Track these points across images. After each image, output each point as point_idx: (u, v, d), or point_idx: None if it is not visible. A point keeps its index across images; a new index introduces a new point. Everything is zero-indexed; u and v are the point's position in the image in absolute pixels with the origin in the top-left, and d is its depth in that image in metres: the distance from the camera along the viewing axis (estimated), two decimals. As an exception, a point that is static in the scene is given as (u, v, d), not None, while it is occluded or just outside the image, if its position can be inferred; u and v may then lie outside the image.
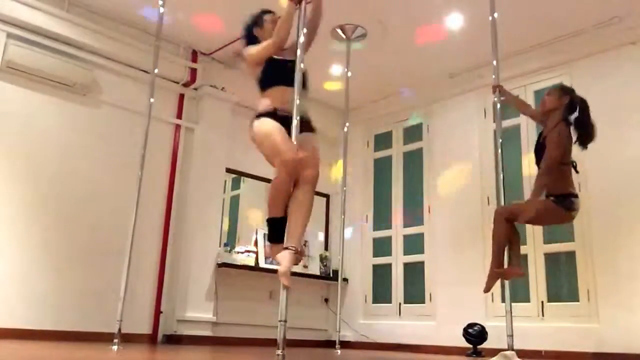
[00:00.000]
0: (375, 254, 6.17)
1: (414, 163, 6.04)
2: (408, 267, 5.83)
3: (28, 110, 4.48)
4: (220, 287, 5.21)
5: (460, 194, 5.45)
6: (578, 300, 4.49)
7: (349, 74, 5.08)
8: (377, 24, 4.87)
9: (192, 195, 5.25)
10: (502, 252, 3.46)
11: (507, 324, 3.27)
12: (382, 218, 6.22)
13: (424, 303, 5.55)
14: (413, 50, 5.25)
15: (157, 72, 3.96)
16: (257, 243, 5.59)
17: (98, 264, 4.57)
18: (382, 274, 6.04)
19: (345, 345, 5.55)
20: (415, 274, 5.72)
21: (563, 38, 4.88)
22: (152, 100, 3.85)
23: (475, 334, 4.60)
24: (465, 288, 5.10)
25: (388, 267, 6.00)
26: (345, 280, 6.04)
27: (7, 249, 4.20)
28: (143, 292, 4.84)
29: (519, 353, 3.19)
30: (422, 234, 5.77)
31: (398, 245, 5.97)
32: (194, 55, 5.46)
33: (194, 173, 5.30)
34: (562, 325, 4.48)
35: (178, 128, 5.41)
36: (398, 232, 6.01)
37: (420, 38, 5.02)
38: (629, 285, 4.18)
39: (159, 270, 5.04)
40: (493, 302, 4.93)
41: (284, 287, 2.39)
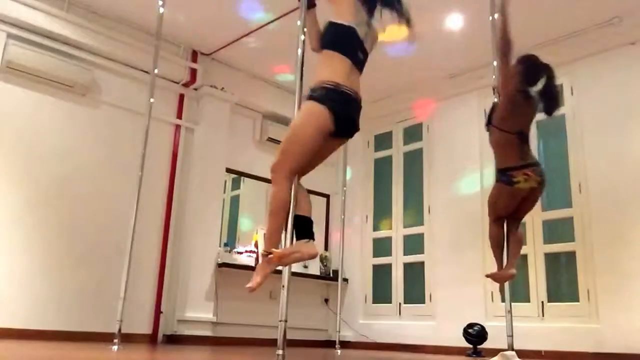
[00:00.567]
0: (375, 254, 6.17)
1: (414, 163, 6.04)
2: (408, 267, 5.83)
3: (28, 110, 4.48)
4: (220, 287, 5.21)
5: (460, 194, 5.45)
6: (578, 301, 4.49)
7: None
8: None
9: (192, 195, 5.25)
10: (496, 253, 3.37)
11: (507, 324, 3.27)
12: (382, 218, 6.22)
13: (424, 303, 5.54)
14: (413, 50, 5.24)
15: (157, 72, 3.96)
16: (257, 243, 5.59)
17: (98, 264, 4.57)
18: (382, 274, 6.04)
19: (345, 345, 5.56)
20: (415, 274, 5.72)
21: (563, 38, 4.88)
22: (152, 100, 3.85)
23: (475, 334, 4.60)
24: (465, 288, 5.11)
25: (388, 267, 5.99)
26: (345, 280, 6.04)
27: (7, 249, 4.20)
28: (143, 292, 4.84)
29: (519, 353, 3.19)
30: (422, 234, 5.76)
31: (398, 245, 5.97)
32: (194, 55, 5.46)
33: (194, 173, 5.30)
34: (562, 326, 4.48)
35: (178, 128, 5.41)
36: (398, 232, 6.01)
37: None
38: (629, 285, 4.18)
39: (159, 270, 5.04)
40: (493, 302, 4.93)
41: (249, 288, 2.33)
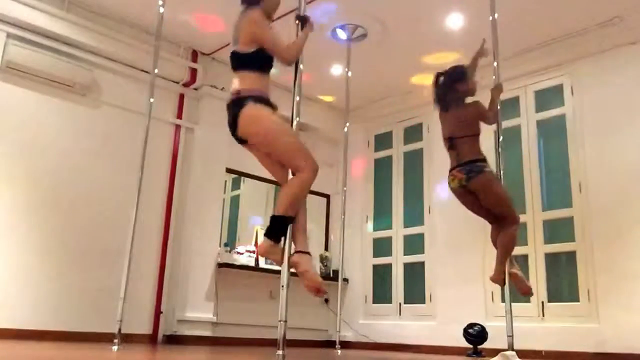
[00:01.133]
0: (376, 254, 6.17)
1: (414, 163, 6.04)
2: (408, 267, 5.83)
3: (28, 110, 4.48)
4: (221, 287, 5.21)
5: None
6: (578, 300, 4.49)
7: (349, 74, 5.08)
8: (377, 24, 4.87)
9: (192, 195, 5.25)
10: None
11: (507, 324, 3.27)
12: (382, 218, 6.22)
13: (424, 303, 5.54)
14: (413, 50, 5.25)
15: (157, 72, 3.95)
16: (257, 243, 5.60)
17: (98, 264, 4.57)
18: (382, 274, 6.04)
19: (346, 346, 5.55)
20: (416, 274, 5.72)
21: (563, 38, 4.88)
22: (152, 100, 3.85)
23: (476, 334, 4.60)
24: (466, 288, 5.11)
25: (388, 267, 5.99)
26: (346, 281, 6.04)
27: (6, 249, 4.20)
28: (143, 292, 4.84)
29: (519, 353, 3.19)
30: (422, 234, 5.76)
31: (398, 245, 5.97)
32: (194, 55, 5.46)
33: (194, 173, 5.30)
34: (562, 325, 4.48)
35: (178, 128, 5.41)
36: (398, 232, 6.01)
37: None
38: (629, 285, 4.18)
39: (159, 270, 5.03)
40: (493, 302, 4.93)
41: (319, 295, 2.42)
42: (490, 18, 3.79)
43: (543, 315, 4.65)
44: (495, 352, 3.32)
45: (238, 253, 5.48)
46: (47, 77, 4.54)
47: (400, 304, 5.76)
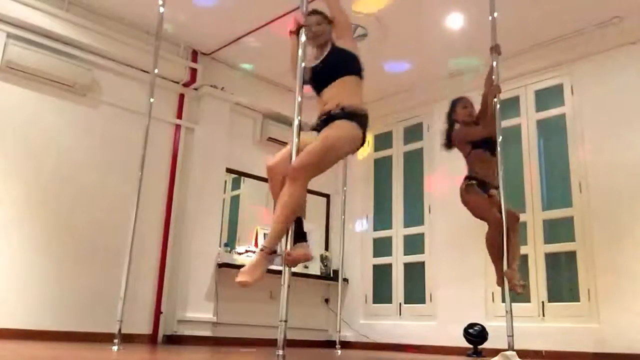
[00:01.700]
0: (376, 254, 6.17)
1: (414, 163, 6.04)
2: (408, 267, 5.83)
3: (28, 110, 4.48)
4: (221, 287, 5.21)
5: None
6: (578, 300, 4.49)
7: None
8: (377, 24, 4.86)
9: (192, 195, 5.24)
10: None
11: (507, 324, 3.26)
12: (382, 218, 6.21)
13: (425, 303, 5.54)
14: (413, 50, 5.25)
15: (157, 72, 3.95)
16: (257, 243, 5.59)
17: (98, 264, 4.57)
18: (382, 274, 6.04)
19: (346, 346, 5.55)
20: (416, 274, 5.72)
21: (563, 38, 4.88)
22: (152, 100, 3.85)
23: (476, 334, 4.60)
24: (466, 288, 5.10)
25: (388, 267, 5.99)
26: (346, 281, 6.04)
27: (7, 249, 4.20)
28: (143, 292, 4.84)
29: (520, 353, 3.19)
30: (422, 234, 5.76)
31: (398, 245, 5.97)
32: (194, 55, 5.46)
33: (194, 173, 5.30)
34: (562, 326, 4.48)
35: (178, 128, 5.41)
36: (398, 232, 6.01)
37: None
38: (630, 285, 4.18)
39: (159, 270, 5.03)
40: (493, 302, 4.93)
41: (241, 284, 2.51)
42: (490, 18, 3.78)
43: (543, 315, 4.65)
44: (496, 352, 3.31)
45: (238, 253, 5.48)
46: (47, 77, 4.54)
47: (401, 304, 5.76)
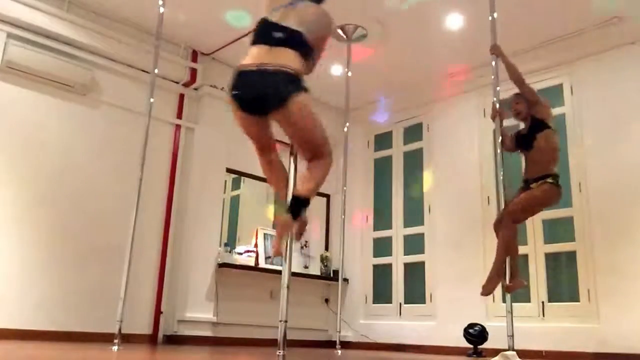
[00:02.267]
0: (376, 254, 6.17)
1: (414, 163, 6.04)
2: (408, 267, 5.83)
3: (28, 110, 4.48)
4: (221, 287, 5.21)
5: (460, 194, 5.45)
6: (578, 300, 4.49)
7: (349, 74, 5.08)
8: (377, 24, 4.87)
9: (192, 195, 5.24)
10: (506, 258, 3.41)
11: (507, 324, 3.27)
12: (382, 218, 6.21)
13: (425, 303, 5.54)
14: (413, 50, 5.25)
15: (157, 72, 3.95)
16: (257, 243, 5.59)
17: (98, 264, 4.57)
18: (382, 274, 6.04)
19: (346, 346, 5.55)
20: (416, 274, 5.72)
21: (563, 38, 4.88)
22: (152, 100, 3.85)
23: (476, 334, 4.60)
24: (466, 288, 5.10)
25: (388, 267, 5.99)
26: (346, 281, 6.04)
27: (6, 249, 4.20)
28: (143, 292, 4.84)
29: (520, 353, 3.19)
30: (422, 234, 5.77)
31: (398, 245, 5.97)
32: (194, 55, 5.46)
33: (194, 173, 5.29)
34: (562, 326, 4.48)
35: (178, 128, 5.41)
36: (398, 232, 6.01)
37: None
38: (630, 285, 4.18)
39: (159, 270, 5.03)
40: (494, 302, 4.93)
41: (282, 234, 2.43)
42: (490, 18, 3.79)
43: (543, 315, 4.66)
44: (496, 352, 3.32)
45: (238, 253, 5.48)
46: (47, 77, 4.54)
47: (401, 304, 5.76)
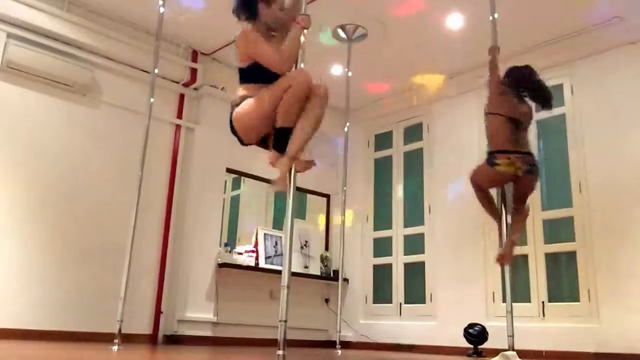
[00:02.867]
0: (376, 254, 6.17)
1: (414, 163, 6.04)
2: (408, 267, 5.83)
3: (28, 110, 4.48)
4: (221, 287, 5.21)
5: (461, 194, 5.44)
6: (579, 300, 4.49)
7: (349, 74, 5.08)
8: (377, 24, 4.87)
9: (192, 195, 5.24)
10: (491, 210, 3.62)
11: (507, 324, 3.27)
12: (382, 218, 6.21)
13: (425, 303, 5.54)
14: (413, 51, 5.25)
15: (157, 72, 3.96)
16: (257, 243, 5.59)
17: (98, 264, 4.57)
18: (382, 274, 6.04)
19: (346, 346, 5.55)
20: (416, 274, 5.72)
21: (563, 38, 4.87)
22: (152, 100, 3.85)
23: (476, 334, 4.60)
24: (466, 288, 5.11)
25: (388, 267, 5.99)
26: (346, 281, 6.04)
27: (6, 249, 4.20)
28: (143, 292, 4.84)
29: (520, 353, 3.19)
30: (422, 234, 5.76)
31: (398, 245, 5.97)
32: (194, 55, 5.46)
33: (194, 173, 5.29)
34: (562, 325, 4.48)
35: (178, 128, 5.41)
36: (398, 232, 6.01)
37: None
38: (630, 285, 4.18)
39: (159, 270, 5.03)
40: (494, 302, 4.93)
41: (278, 189, 2.56)
42: (490, 18, 3.79)
43: (543, 315, 4.65)
44: (496, 352, 3.32)
45: (238, 253, 5.48)
46: (47, 77, 4.54)
47: (401, 304, 5.76)
